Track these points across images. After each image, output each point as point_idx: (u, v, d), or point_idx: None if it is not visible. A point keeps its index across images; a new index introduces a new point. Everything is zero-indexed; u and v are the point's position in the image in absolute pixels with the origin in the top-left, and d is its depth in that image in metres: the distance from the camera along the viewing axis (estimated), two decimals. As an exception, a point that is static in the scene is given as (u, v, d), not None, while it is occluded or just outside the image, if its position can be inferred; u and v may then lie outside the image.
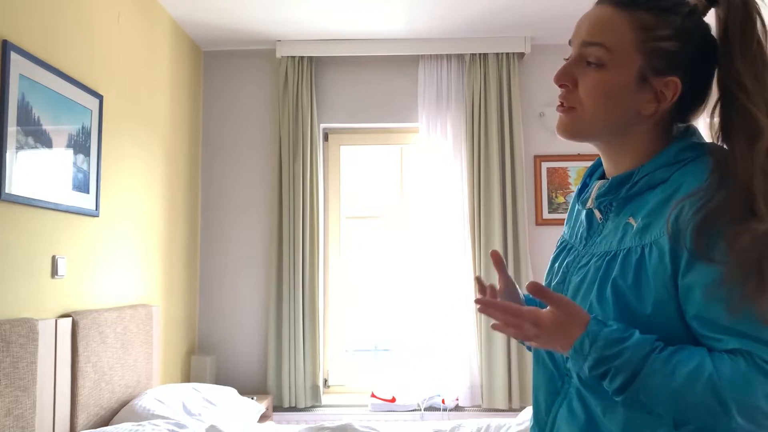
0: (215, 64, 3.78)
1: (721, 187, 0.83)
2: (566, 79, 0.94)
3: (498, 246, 3.47)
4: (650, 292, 0.86)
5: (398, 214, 3.86)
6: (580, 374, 0.88)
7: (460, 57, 3.66)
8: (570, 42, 0.97)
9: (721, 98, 0.90)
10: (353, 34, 3.58)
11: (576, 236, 1.03)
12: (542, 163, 3.67)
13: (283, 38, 3.62)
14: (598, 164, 1.05)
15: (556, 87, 0.97)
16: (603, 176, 1.02)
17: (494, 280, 3.73)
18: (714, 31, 0.92)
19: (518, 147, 3.57)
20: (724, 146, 0.89)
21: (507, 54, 3.61)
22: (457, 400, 3.46)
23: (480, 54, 3.61)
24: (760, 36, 0.89)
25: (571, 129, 0.96)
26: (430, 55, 3.65)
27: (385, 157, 4.03)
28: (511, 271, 3.46)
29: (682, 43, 0.90)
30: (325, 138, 3.86)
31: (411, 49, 3.64)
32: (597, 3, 0.95)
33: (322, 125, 3.77)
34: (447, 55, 3.64)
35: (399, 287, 3.82)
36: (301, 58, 3.63)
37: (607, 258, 0.92)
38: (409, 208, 3.75)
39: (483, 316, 3.47)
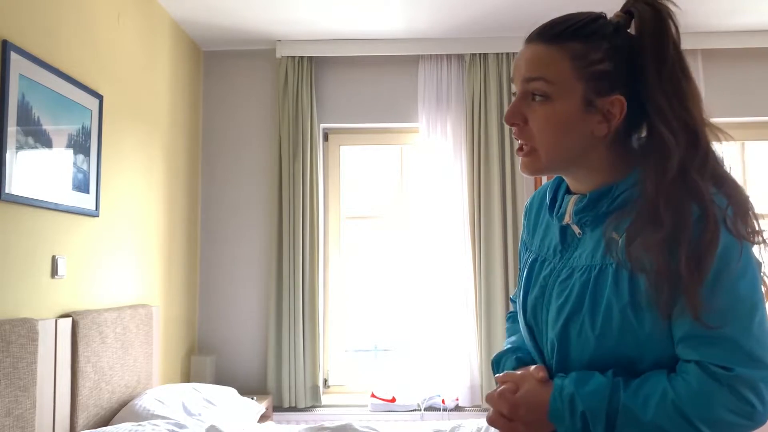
0: (215, 64, 3.78)
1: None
2: (516, 117, 0.96)
3: (498, 246, 3.47)
4: (646, 309, 0.87)
5: (398, 215, 3.86)
6: None
7: (460, 57, 3.66)
8: (512, 80, 1.01)
9: (641, 114, 0.92)
10: (353, 34, 3.58)
11: (548, 249, 1.02)
12: (542, 163, 3.67)
13: (283, 38, 3.62)
14: (560, 179, 1.06)
15: None
16: (569, 190, 1.03)
17: (494, 279, 3.69)
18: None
19: (518, 147, 3.56)
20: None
21: (507, 54, 3.61)
22: (457, 400, 3.46)
23: (480, 54, 3.61)
24: (675, 48, 0.91)
25: (534, 167, 0.97)
26: (430, 55, 3.64)
27: (385, 157, 4.03)
28: (511, 273, 3.46)
29: (615, 62, 0.92)
30: (325, 138, 3.86)
31: (411, 49, 3.64)
32: (526, 42, 0.97)
33: (322, 125, 3.76)
34: (447, 55, 3.64)
35: (399, 287, 3.82)
36: (301, 58, 3.63)
37: (593, 272, 0.92)
38: (409, 209, 3.74)
39: (483, 316, 3.47)
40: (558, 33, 0.93)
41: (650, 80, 0.90)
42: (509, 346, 1.11)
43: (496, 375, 1.03)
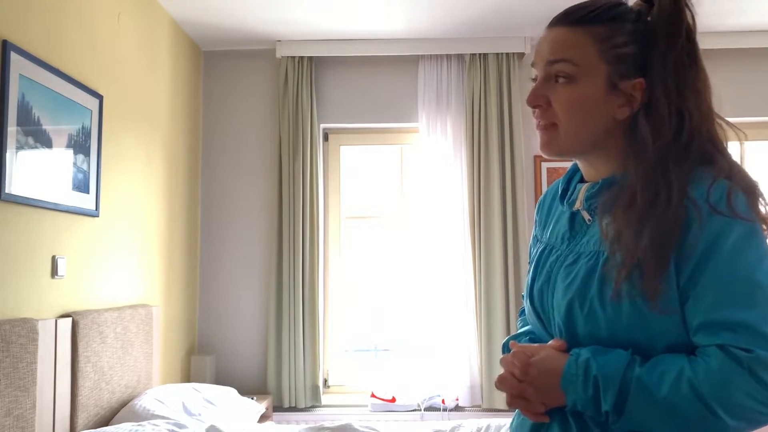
0: (215, 64, 3.78)
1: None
2: (539, 100, 0.97)
3: (498, 246, 3.47)
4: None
5: (398, 215, 3.86)
6: (578, 402, 0.88)
7: (460, 57, 3.66)
8: (533, 64, 1.00)
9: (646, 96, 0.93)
10: (353, 34, 3.58)
11: (556, 237, 1.03)
12: (542, 164, 3.68)
13: (283, 38, 3.62)
14: (574, 170, 1.07)
15: None
16: (582, 180, 1.04)
17: (494, 279, 3.69)
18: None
19: (518, 147, 3.56)
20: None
21: (507, 54, 3.61)
22: (457, 400, 3.46)
23: (480, 54, 3.61)
24: (688, 37, 0.92)
25: (555, 146, 0.98)
26: (430, 55, 3.64)
27: (385, 157, 4.03)
28: (511, 273, 3.46)
29: (638, 46, 0.94)
30: (325, 138, 3.86)
31: (411, 49, 3.64)
32: (549, 26, 0.99)
33: (322, 125, 3.77)
34: (447, 55, 3.64)
35: (399, 287, 3.82)
36: (301, 58, 3.63)
37: (601, 258, 0.92)
38: (409, 209, 3.74)
39: (483, 316, 3.47)
40: (582, 16, 0.95)
41: (657, 67, 0.91)
42: (521, 331, 1.12)
43: (511, 341, 1.03)
